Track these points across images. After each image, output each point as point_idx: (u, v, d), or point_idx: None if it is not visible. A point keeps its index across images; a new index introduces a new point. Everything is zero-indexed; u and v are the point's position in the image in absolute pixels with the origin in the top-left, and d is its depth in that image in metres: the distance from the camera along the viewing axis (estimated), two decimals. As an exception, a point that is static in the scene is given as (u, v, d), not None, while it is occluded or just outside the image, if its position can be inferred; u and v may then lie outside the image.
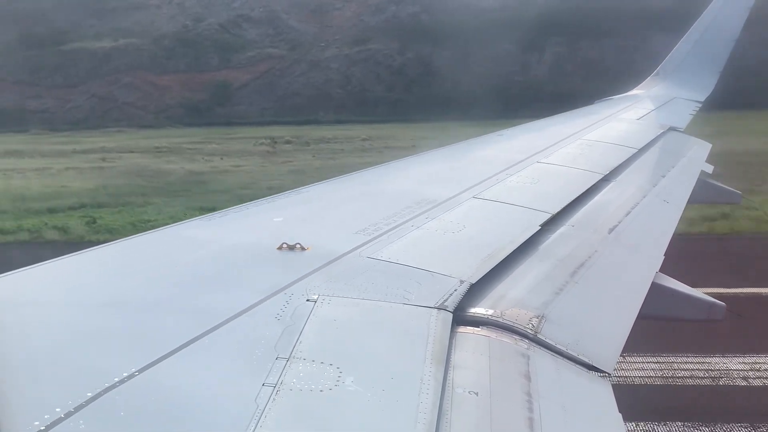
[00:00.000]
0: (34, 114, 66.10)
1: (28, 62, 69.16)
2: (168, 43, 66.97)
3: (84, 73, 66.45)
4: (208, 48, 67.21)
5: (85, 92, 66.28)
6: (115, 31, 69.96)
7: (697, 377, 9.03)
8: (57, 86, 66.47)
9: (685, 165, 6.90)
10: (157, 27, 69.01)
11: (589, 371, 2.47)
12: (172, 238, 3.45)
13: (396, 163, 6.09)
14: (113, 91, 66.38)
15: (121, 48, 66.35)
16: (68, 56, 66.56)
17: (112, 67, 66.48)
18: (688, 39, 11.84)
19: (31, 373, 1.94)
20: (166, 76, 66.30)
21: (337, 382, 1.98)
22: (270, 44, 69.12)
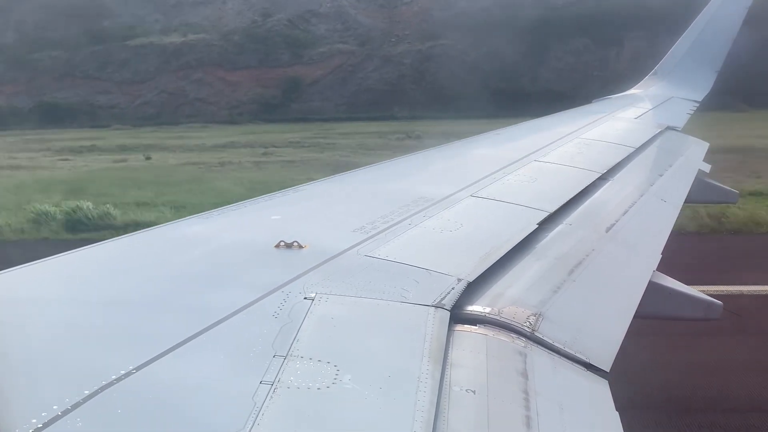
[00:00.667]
0: (104, 109, 65.67)
1: (95, 57, 68.91)
2: (238, 38, 66.46)
3: (153, 68, 66.16)
4: (277, 44, 66.71)
5: (155, 88, 65.84)
6: (182, 26, 69.59)
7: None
8: (126, 82, 66.17)
9: (683, 164, 7.05)
10: (225, 22, 68.54)
11: (587, 369, 2.53)
12: (169, 236, 3.52)
13: (393, 161, 6.24)
14: (184, 86, 65.61)
15: (190, 43, 65.67)
16: (136, 51, 66.52)
17: (182, 63, 66.10)
18: (686, 38, 11.95)
19: (27, 371, 1.97)
20: (236, 71, 65.88)
21: (334, 380, 2.02)
22: (339, 40, 68.49)
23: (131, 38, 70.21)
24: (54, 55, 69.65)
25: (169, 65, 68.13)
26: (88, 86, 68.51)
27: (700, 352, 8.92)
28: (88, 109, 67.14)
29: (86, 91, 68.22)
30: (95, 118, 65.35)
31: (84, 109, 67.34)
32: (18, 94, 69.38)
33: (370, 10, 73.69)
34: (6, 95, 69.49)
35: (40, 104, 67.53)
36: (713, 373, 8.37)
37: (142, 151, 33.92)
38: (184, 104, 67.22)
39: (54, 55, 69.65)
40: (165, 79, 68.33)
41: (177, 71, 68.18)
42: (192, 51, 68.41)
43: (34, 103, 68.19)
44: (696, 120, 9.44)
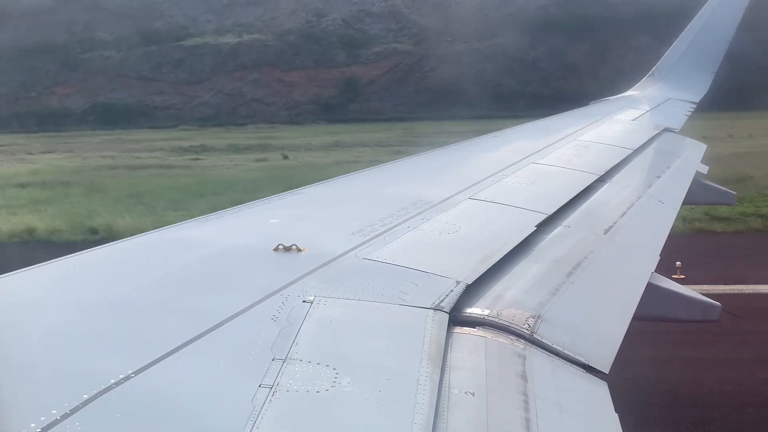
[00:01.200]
0: (160, 110, 65.04)
1: (148, 58, 68.52)
2: (293, 39, 65.97)
3: (208, 69, 66.08)
4: (333, 44, 66.57)
5: (211, 88, 65.56)
6: (235, 26, 69.60)
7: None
8: (181, 82, 65.80)
9: (680, 166, 7.16)
10: (279, 23, 68.03)
11: (586, 371, 2.56)
12: (168, 240, 3.58)
13: (392, 164, 6.34)
14: (240, 87, 65.16)
15: (246, 44, 65.31)
16: (190, 52, 66.58)
17: (238, 63, 66.05)
18: (683, 40, 12.06)
19: (27, 375, 2.00)
20: (293, 72, 65.72)
21: (333, 383, 2.04)
22: (394, 39, 68.28)
23: (185, 39, 70.31)
24: (106, 56, 69.46)
25: (224, 66, 68.13)
26: (142, 87, 68.45)
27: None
28: (143, 110, 67.04)
29: (141, 92, 68.17)
30: (152, 119, 65.23)
31: (139, 109, 67.21)
32: (71, 95, 69.23)
33: (424, 10, 73.75)
34: (59, 96, 69.25)
35: (95, 105, 67.14)
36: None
37: (258, 151, 33.61)
38: (241, 105, 67.18)
39: (106, 56, 69.46)
40: (221, 79, 68.29)
41: (233, 72, 68.10)
42: (248, 51, 68.45)
43: (88, 104, 67.86)
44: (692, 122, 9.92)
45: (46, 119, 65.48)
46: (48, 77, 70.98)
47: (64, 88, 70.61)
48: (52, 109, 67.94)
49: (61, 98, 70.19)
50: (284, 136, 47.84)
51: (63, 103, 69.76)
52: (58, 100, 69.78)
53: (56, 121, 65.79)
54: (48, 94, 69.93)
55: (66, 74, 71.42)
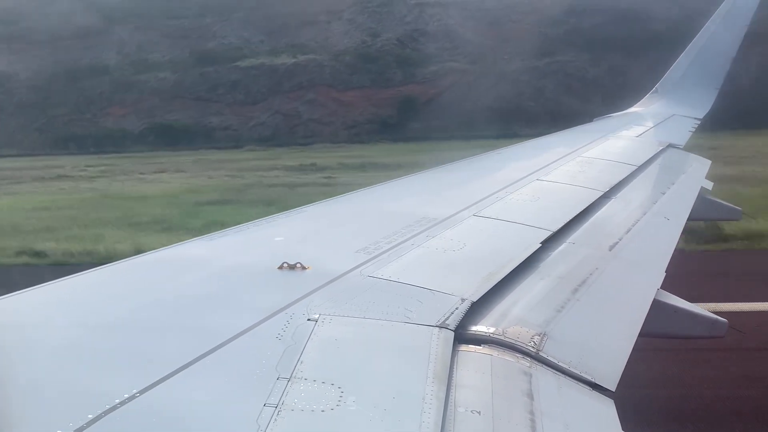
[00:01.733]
0: (218, 131, 64.65)
1: (204, 79, 68.09)
2: (349, 59, 65.44)
3: (264, 89, 65.43)
4: (389, 63, 66.50)
5: (268, 109, 65.06)
6: (289, 47, 69.21)
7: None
8: (238, 103, 65.46)
9: (685, 182, 7.08)
10: (333, 43, 67.76)
11: (592, 389, 2.57)
12: (173, 259, 3.59)
13: (396, 181, 6.33)
14: (297, 107, 64.53)
15: (301, 64, 64.75)
16: (246, 73, 65.97)
17: (294, 84, 65.93)
18: (686, 56, 12.15)
19: (32, 395, 2.02)
20: (349, 91, 65.54)
21: (338, 402, 2.05)
22: (450, 58, 68.34)
23: (239, 60, 69.79)
24: (161, 77, 69.63)
25: (280, 86, 68.23)
26: (198, 108, 68.36)
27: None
28: (201, 131, 66.78)
29: (197, 113, 68.07)
30: (210, 140, 64.66)
31: (197, 130, 66.88)
32: (126, 116, 69.24)
33: (478, 28, 73.24)
34: (114, 117, 69.20)
35: (152, 126, 66.80)
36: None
37: (378, 169, 33.52)
38: (298, 125, 66.95)
39: (161, 77, 69.63)
40: (277, 100, 68.26)
41: (289, 92, 67.59)
42: (303, 72, 68.22)
43: (144, 125, 67.56)
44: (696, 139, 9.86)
45: (103, 141, 65.19)
46: (102, 98, 71.17)
47: (118, 109, 70.73)
48: (109, 131, 67.82)
49: (117, 119, 70.36)
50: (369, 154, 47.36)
51: (119, 124, 69.85)
52: (113, 121, 69.80)
53: (113, 143, 65.44)
54: (103, 116, 70.20)
55: (120, 95, 71.64)
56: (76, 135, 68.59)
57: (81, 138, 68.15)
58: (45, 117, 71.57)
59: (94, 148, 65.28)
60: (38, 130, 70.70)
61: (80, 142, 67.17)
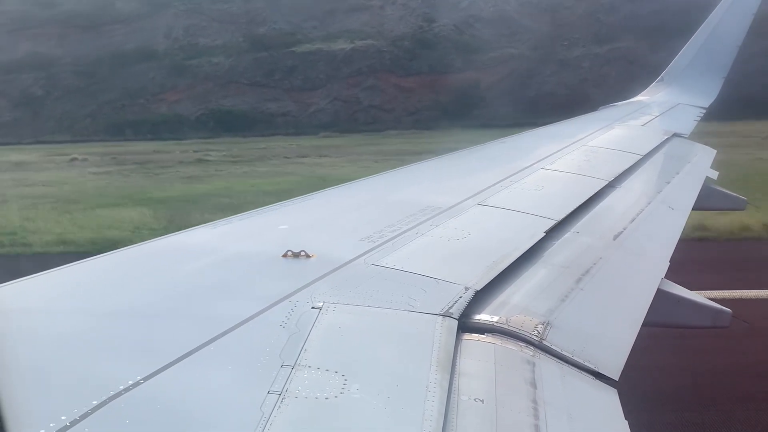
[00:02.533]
0: (276, 117, 63.58)
1: (259, 64, 66.83)
2: (407, 44, 64.73)
3: (323, 75, 64.64)
4: (447, 49, 65.97)
5: (327, 95, 64.05)
6: (343, 32, 68.33)
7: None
8: (295, 89, 64.28)
9: (690, 171, 7.17)
10: (389, 28, 66.91)
11: (595, 378, 2.62)
12: (177, 246, 3.66)
13: (400, 170, 6.45)
14: (357, 93, 63.60)
15: (360, 50, 63.99)
16: (303, 58, 64.93)
17: (353, 69, 65.33)
18: (692, 45, 12.15)
19: (36, 381, 2.06)
20: (409, 78, 65.07)
21: (342, 390, 2.08)
22: (507, 44, 67.54)
23: (293, 45, 68.62)
24: (214, 62, 68.45)
25: (338, 72, 67.59)
26: (255, 93, 67.58)
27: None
28: (259, 117, 65.66)
29: (254, 99, 67.26)
30: (271, 126, 63.75)
31: (255, 116, 65.80)
32: (180, 101, 68.14)
33: (534, 14, 73.27)
34: (168, 103, 67.84)
35: (209, 112, 65.40)
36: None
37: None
38: (358, 111, 66.38)
39: (214, 62, 68.45)
40: (336, 86, 67.49)
41: (347, 78, 66.69)
42: (362, 57, 67.54)
43: (200, 111, 66.20)
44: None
45: (160, 126, 63.68)
46: (154, 84, 69.77)
47: (172, 94, 69.70)
48: (164, 116, 66.47)
49: (171, 105, 69.11)
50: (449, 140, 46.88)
51: (173, 110, 68.42)
52: (167, 106, 68.36)
53: (170, 129, 64.01)
54: (156, 101, 69.11)
55: (173, 81, 70.65)
56: (131, 121, 67.30)
57: (136, 124, 66.76)
58: (95, 103, 69.82)
59: (151, 134, 63.77)
60: (89, 116, 69.45)
61: (136, 128, 65.74)
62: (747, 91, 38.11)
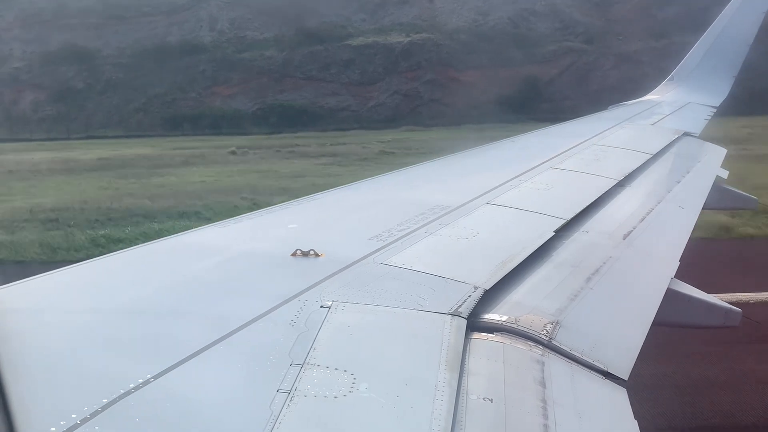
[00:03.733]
0: (336, 112, 62.67)
1: (314, 58, 65.60)
2: (464, 37, 64.53)
3: (381, 68, 64.06)
4: (504, 42, 65.58)
5: (386, 89, 63.29)
6: (395, 25, 68.02)
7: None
8: (353, 83, 63.18)
9: (700, 170, 7.20)
10: (443, 21, 66.60)
11: (605, 378, 2.65)
12: (187, 245, 3.78)
13: (409, 169, 6.59)
14: (417, 87, 63.02)
15: (417, 43, 63.44)
16: (360, 51, 64.43)
17: (412, 63, 64.80)
18: (703, 44, 12.24)
19: (47, 379, 2.11)
20: (468, 71, 64.50)
21: (351, 389, 2.12)
22: (562, 38, 67.69)
23: (347, 38, 67.77)
24: (267, 56, 67.02)
25: (396, 66, 66.57)
26: (311, 88, 66.88)
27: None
28: (319, 112, 64.23)
29: (311, 93, 66.53)
30: (332, 121, 62.16)
31: (315, 111, 64.26)
32: (234, 95, 66.85)
33: (585, 9, 74.00)
34: (222, 97, 66.24)
35: (267, 107, 64.11)
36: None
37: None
38: (420, 105, 65.68)
39: (267, 56, 67.02)
40: (395, 80, 66.47)
41: (406, 72, 65.96)
42: (420, 51, 67.01)
43: (256, 106, 64.76)
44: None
45: (219, 121, 61.78)
46: (205, 77, 68.11)
47: (225, 88, 68.49)
48: (221, 111, 64.81)
49: (224, 99, 67.56)
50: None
51: (227, 104, 66.86)
52: (221, 101, 66.70)
53: (230, 123, 62.16)
54: (208, 95, 67.60)
55: (224, 74, 69.43)
56: (188, 115, 64.96)
57: (193, 118, 64.43)
58: (144, 96, 67.56)
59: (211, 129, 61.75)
60: (139, 110, 67.24)
61: (194, 122, 63.55)
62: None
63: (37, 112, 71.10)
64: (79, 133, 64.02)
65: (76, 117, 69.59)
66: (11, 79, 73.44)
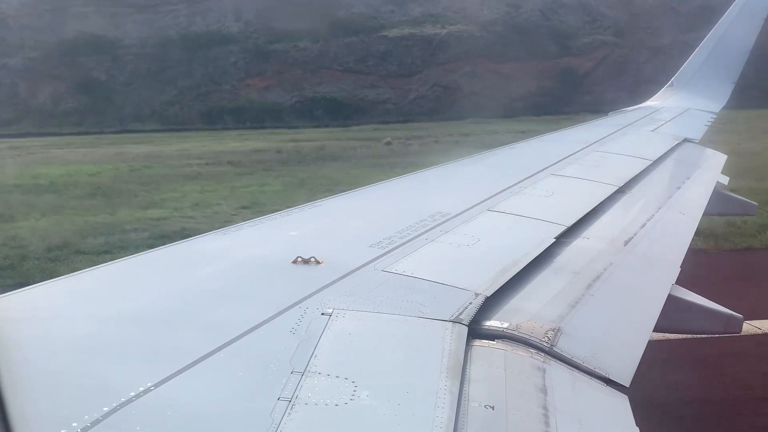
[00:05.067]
0: (376, 104, 62.03)
1: (350, 49, 65.10)
2: (499, 29, 64.96)
3: (418, 60, 63.86)
4: (539, 35, 66.43)
5: (425, 81, 63.25)
6: (426, 17, 69.11)
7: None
8: (391, 75, 62.79)
9: (700, 176, 7.27)
10: (475, 13, 67.07)
11: (606, 385, 2.67)
12: (187, 253, 3.86)
13: (410, 176, 6.70)
14: (456, 79, 63.21)
15: (454, 34, 63.57)
16: (396, 43, 64.24)
17: (450, 55, 64.81)
18: (702, 50, 12.38)
19: (47, 388, 2.12)
20: (505, 64, 65.01)
21: (352, 397, 2.13)
22: (593, 31, 68.89)
23: (380, 30, 66.91)
24: (301, 47, 65.45)
25: (434, 58, 66.22)
26: (349, 80, 66.22)
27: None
28: (359, 104, 63.52)
29: (349, 85, 66.25)
30: (374, 114, 61.65)
31: (355, 104, 63.52)
32: (270, 88, 65.63)
33: (610, 2, 74.34)
34: (257, 89, 64.81)
35: (306, 99, 63.05)
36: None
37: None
38: (461, 98, 65.40)
39: (301, 47, 65.45)
40: (433, 72, 65.97)
41: (444, 64, 65.87)
42: (457, 42, 66.60)
43: (294, 98, 63.40)
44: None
45: (262, 114, 60.07)
46: (237, 69, 65.97)
47: (260, 80, 67.28)
48: (258, 103, 62.70)
49: (260, 91, 65.82)
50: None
51: (264, 97, 65.06)
52: (257, 93, 64.88)
53: (273, 116, 60.50)
54: (242, 87, 65.47)
55: (257, 66, 67.65)
56: (225, 108, 63.20)
57: (233, 111, 62.43)
58: (175, 88, 65.13)
59: (253, 122, 59.75)
60: (172, 103, 64.74)
61: (236, 115, 61.46)
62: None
63: (59, 105, 68.26)
64: (112, 127, 61.06)
65: (103, 110, 66.54)
66: (26, 69, 70.27)
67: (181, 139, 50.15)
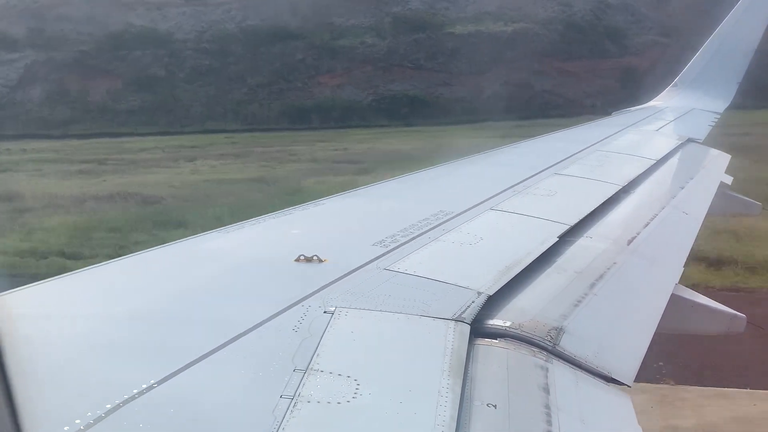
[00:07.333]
0: (452, 103, 61.42)
1: (419, 46, 64.47)
2: (559, 28, 65.68)
3: (487, 58, 63.68)
4: (595, 34, 67.81)
5: (497, 79, 63.29)
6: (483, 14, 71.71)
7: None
8: (463, 72, 62.33)
9: (704, 176, 7.52)
10: (529, 12, 67.78)
11: (609, 384, 2.81)
12: (191, 251, 4.08)
13: (413, 175, 7.07)
14: (526, 77, 63.36)
15: (520, 32, 63.94)
16: (464, 40, 63.82)
17: (517, 53, 65.14)
18: (707, 50, 12.99)
19: (51, 385, 2.27)
20: (571, 62, 65.70)
21: (354, 394, 2.23)
22: (641, 31, 70.52)
23: (443, 27, 66.09)
24: (369, 44, 63.76)
25: (501, 56, 65.57)
26: (421, 78, 65.11)
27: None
28: (435, 102, 62.45)
29: (422, 83, 66.21)
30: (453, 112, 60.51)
31: (431, 102, 62.38)
32: (342, 85, 63.30)
33: (650, 3, 75.58)
34: (329, 87, 62.66)
35: (380, 97, 61.72)
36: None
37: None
38: (533, 96, 64.99)
39: (369, 44, 63.76)
40: (503, 70, 65.04)
41: (512, 62, 65.49)
42: (523, 40, 66.18)
43: (369, 96, 61.99)
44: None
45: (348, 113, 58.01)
46: (305, 66, 62.99)
47: (330, 78, 65.43)
48: (332, 101, 60.24)
49: (333, 89, 63.46)
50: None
51: (338, 95, 62.82)
52: (330, 91, 62.39)
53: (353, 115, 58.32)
54: (315, 85, 62.95)
55: (326, 63, 64.82)
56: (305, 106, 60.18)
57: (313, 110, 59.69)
58: (245, 86, 61.56)
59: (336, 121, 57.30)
60: (247, 101, 60.62)
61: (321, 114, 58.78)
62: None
63: (120, 103, 63.24)
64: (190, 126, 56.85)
65: (171, 109, 61.88)
66: (76, 64, 64.18)
67: (312, 139, 50.18)
